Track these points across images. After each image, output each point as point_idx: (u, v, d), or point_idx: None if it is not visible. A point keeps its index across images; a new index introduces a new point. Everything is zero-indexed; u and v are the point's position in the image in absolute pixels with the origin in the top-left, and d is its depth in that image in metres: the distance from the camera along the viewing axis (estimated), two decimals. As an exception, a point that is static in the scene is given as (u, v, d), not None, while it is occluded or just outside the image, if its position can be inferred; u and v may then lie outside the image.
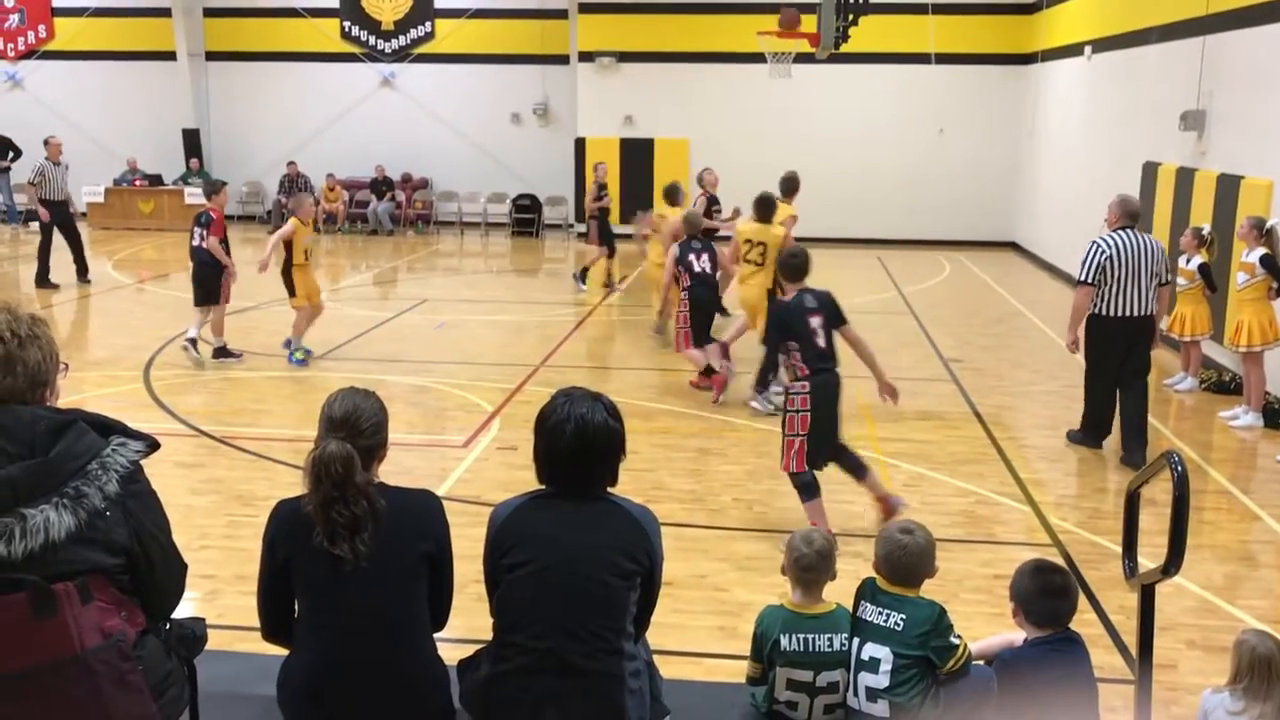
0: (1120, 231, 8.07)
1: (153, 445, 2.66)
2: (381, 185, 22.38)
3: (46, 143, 15.95)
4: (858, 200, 20.60)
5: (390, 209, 22.30)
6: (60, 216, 15.29)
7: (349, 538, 2.94)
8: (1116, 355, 8.14)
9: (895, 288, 16.20)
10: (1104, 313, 8.09)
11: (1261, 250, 8.82)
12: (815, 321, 6.37)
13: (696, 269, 9.94)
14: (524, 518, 3.10)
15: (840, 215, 20.75)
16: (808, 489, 6.31)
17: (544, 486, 3.18)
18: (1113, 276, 7.97)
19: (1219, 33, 11.21)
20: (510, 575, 3.03)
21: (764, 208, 9.86)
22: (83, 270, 15.63)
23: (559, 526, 3.06)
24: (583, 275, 15.41)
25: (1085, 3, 16.48)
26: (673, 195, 12.31)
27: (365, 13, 22.77)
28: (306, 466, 3.01)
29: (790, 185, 11.16)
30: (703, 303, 9.99)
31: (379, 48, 22.85)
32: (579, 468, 3.11)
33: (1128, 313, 8.03)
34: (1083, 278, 8.08)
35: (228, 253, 10.90)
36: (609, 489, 3.18)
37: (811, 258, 6.76)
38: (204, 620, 2.98)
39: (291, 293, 10.79)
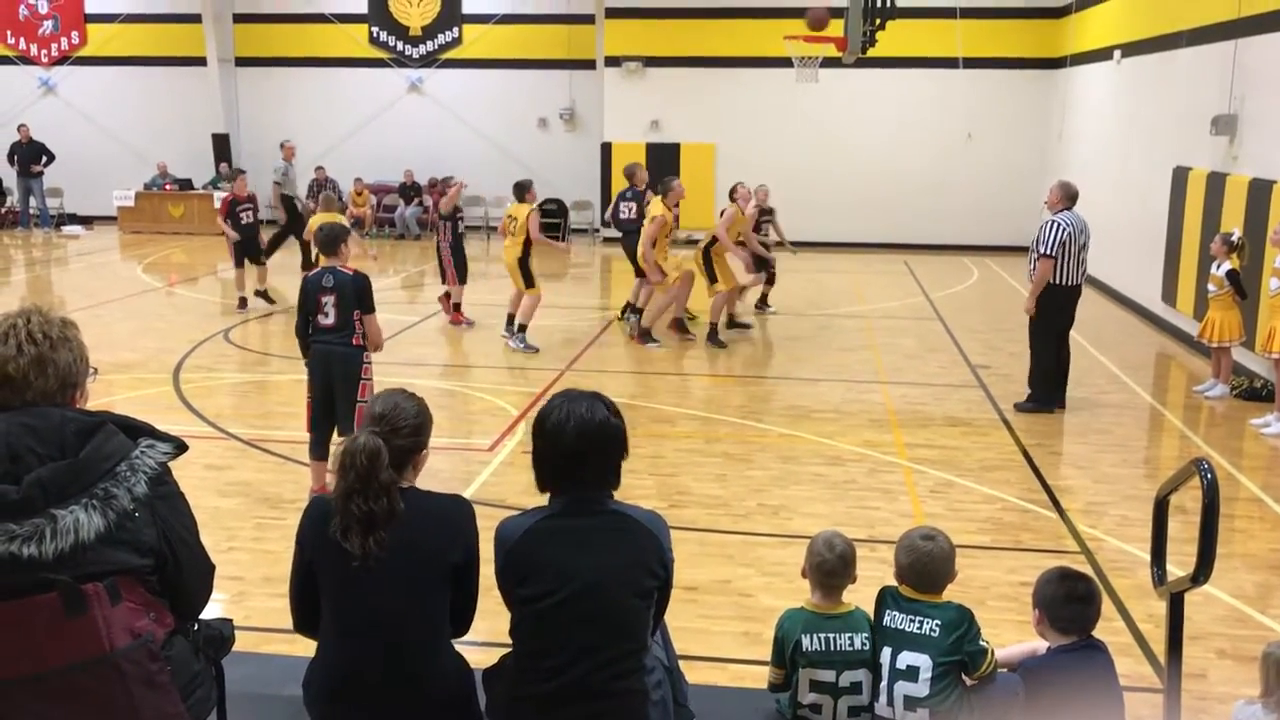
0: (1066, 212, 9.33)
1: (181, 447, 2.68)
2: (409, 190, 22.49)
3: (282, 145, 17.32)
4: (885, 205, 20.53)
5: (417, 213, 22.40)
6: (292, 213, 16.49)
7: (361, 534, 2.90)
8: (1067, 318, 9.53)
9: (923, 293, 16.13)
10: (1061, 283, 9.32)
11: (1294, 256, 8.73)
12: (326, 300, 6.71)
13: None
14: (536, 543, 2.99)
15: (867, 220, 20.69)
16: (310, 448, 6.87)
17: (548, 497, 3.09)
18: (1067, 252, 9.24)
19: (1250, 36, 11.10)
20: (528, 607, 2.97)
21: (519, 190, 11.82)
22: (306, 263, 16.28)
23: (575, 552, 2.96)
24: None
25: (1114, 6, 16.37)
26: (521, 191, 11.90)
27: (393, 18, 22.89)
28: (335, 458, 3.04)
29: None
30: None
31: (407, 53, 22.96)
32: (582, 468, 3.02)
33: (1075, 281, 9.39)
34: (1047, 251, 9.23)
35: (234, 226, 13.60)
36: (612, 492, 3.10)
37: (342, 235, 7.01)
38: (231, 621, 3.00)
39: None
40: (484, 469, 7.79)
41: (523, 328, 11.84)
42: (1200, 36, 12.50)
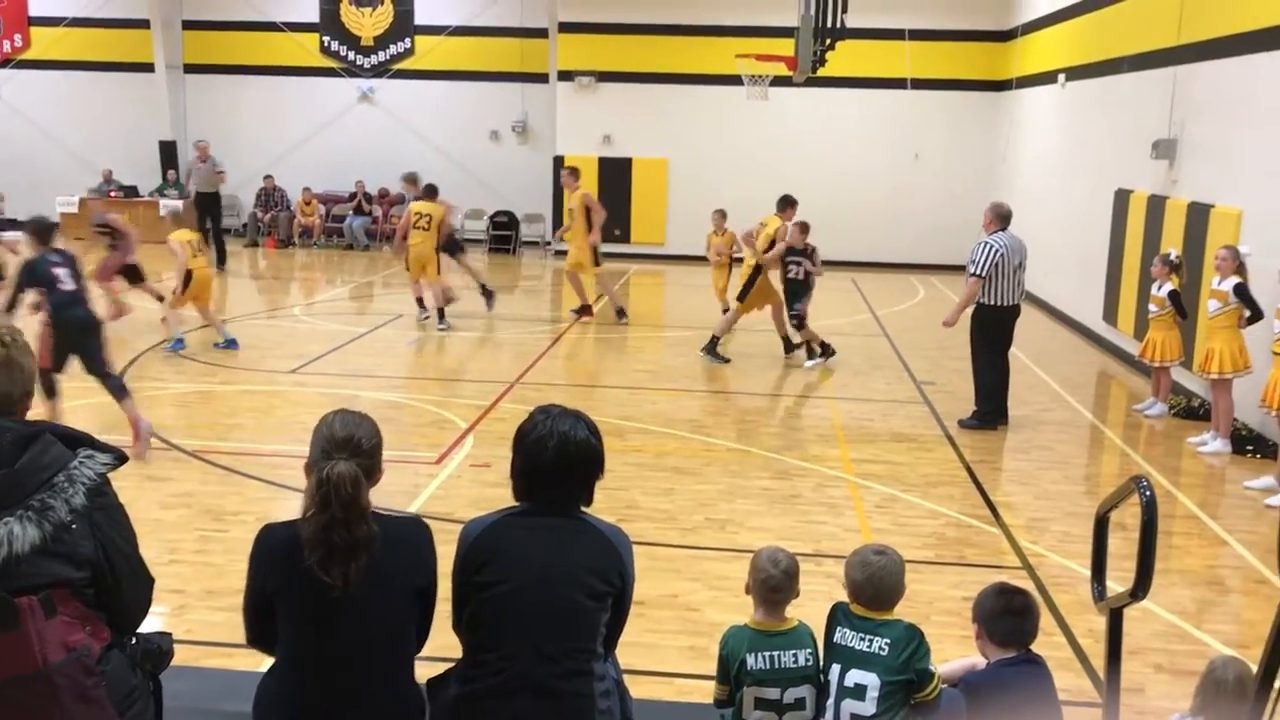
0: (1000, 233, 9.52)
1: (121, 458, 2.64)
2: (358, 200, 22.34)
3: (195, 145, 19.39)
4: (833, 222, 20.60)
5: (366, 224, 22.25)
6: (208, 207, 18.50)
7: (344, 563, 2.81)
8: (1007, 337, 9.69)
9: (869, 310, 16.29)
10: (997, 303, 9.52)
11: (1235, 279, 8.90)
12: (61, 272, 8.01)
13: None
14: (496, 536, 3.06)
15: (815, 237, 20.77)
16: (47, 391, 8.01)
17: (518, 503, 3.16)
18: (1001, 272, 9.41)
19: (1190, 63, 11.36)
20: (482, 595, 2.99)
21: (429, 190, 13.89)
22: (221, 258, 18.14)
23: (532, 546, 3.03)
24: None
25: (1060, 31, 16.68)
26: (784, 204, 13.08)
27: (345, 28, 22.77)
28: (311, 488, 2.85)
29: (426, 187, 14.14)
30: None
31: (358, 63, 22.84)
32: (559, 485, 3.08)
33: (1013, 301, 9.57)
34: (977, 272, 9.45)
35: None
36: (583, 509, 3.17)
37: (52, 225, 8.52)
38: (170, 635, 2.95)
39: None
40: (431, 482, 7.74)
41: (441, 311, 13.55)
42: (1142, 62, 12.77)
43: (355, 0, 22.68)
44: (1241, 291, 8.84)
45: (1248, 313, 8.81)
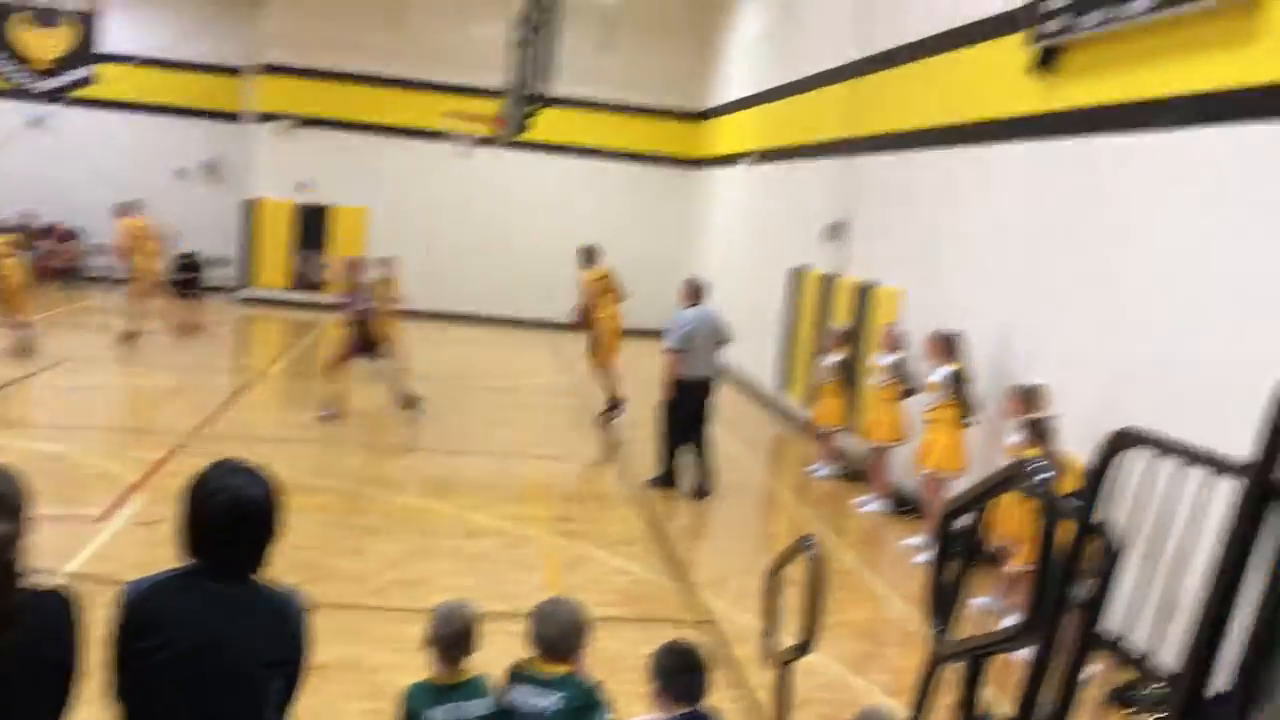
0: (693, 308, 9.82)
1: None
2: (21, 234, 20.51)
3: None
4: (534, 284, 20.94)
5: (30, 260, 20.43)
6: None
7: (3, 636, 2.49)
8: (693, 409, 9.76)
9: (569, 370, 16.55)
10: (683, 375, 9.65)
11: (896, 354, 9.70)
12: None
13: None
14: (161, 598, 2.85)
15: (516, 297, 21.06)
16: None
17: (186, 563, 2.96)
18: (691, 345, 9.63)
19: (859, 155, 12.40)
20: (141, 661, 2.77)
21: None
22: None
23: (200, 610, 2.84)
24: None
25: (746, 117, 17.80)
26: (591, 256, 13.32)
27: (16, 47, 21.02)
28: None
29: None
30: None
31: (30, 86, 21.12)
32: (228, 544, 2.89)
33: (702, 374, 9.72)
34: (672, 346, 9.70)
35: None
36: (256, 571, 3.00)
37: None
38: None
39: None
40: (92, 541, 7.14)
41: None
42: (818, 151, 13.81)
43: (35, 19, 21.02)
44: (900, 367, 9.64)
45: (905, 387, 9.60)
